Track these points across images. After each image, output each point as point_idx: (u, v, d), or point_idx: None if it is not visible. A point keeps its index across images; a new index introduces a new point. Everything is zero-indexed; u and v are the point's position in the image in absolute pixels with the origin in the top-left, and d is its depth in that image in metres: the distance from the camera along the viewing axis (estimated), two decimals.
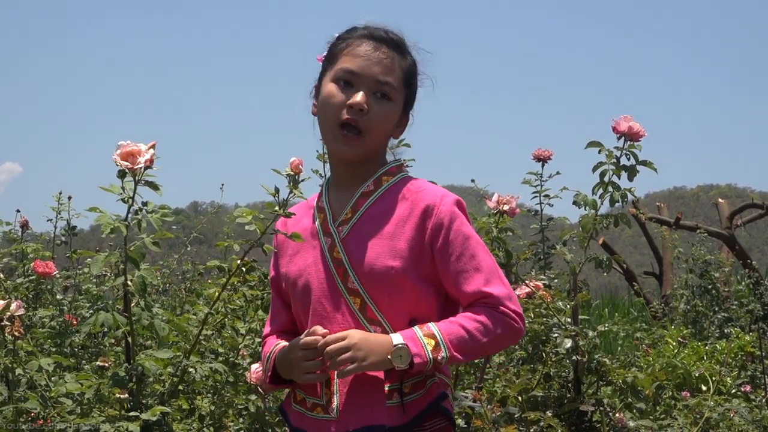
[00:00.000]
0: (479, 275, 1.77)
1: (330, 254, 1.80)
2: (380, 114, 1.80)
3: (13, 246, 4.01)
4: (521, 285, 3.08)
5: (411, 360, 1.69)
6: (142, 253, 2.09)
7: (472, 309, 1.77)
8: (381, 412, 1.74)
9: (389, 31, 1.86)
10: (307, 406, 1.80)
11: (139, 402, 2.24)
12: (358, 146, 1.80)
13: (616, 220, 2.97)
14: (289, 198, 2.03)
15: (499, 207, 2.92)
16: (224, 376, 2.73)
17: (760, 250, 24.66)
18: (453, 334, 1.73)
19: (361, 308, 1.77)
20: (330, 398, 1.76)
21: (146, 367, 2.21)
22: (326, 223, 1.84)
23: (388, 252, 1.77)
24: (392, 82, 1.81)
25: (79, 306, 3.96)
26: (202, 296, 3.73)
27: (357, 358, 1.67)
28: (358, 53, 1.81)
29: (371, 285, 1.76)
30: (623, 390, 3.06)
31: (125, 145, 1.97)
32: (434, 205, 1.78)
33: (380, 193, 1.84)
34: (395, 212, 1.80)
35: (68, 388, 2.35)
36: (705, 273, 6.91)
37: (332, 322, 1.77)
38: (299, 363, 1.74)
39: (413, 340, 1.71)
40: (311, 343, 1.72)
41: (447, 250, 1.78)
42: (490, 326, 1.74)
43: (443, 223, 1.78)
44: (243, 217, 2.08)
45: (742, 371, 4.65)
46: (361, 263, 1.77)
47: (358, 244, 1.79)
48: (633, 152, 2.85)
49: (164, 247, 11.03)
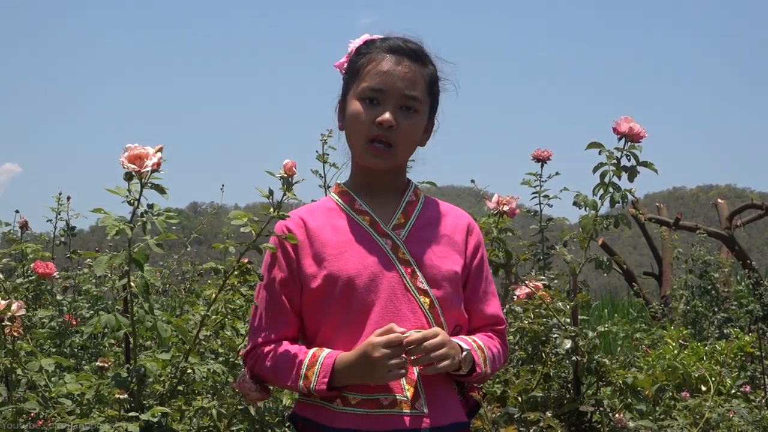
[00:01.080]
0: (496, 300, 1.95)
1: (394, 254, 1.82)
2: (408, 127, 1.84)
3: (13, 246, 4.01)
4: (521, 285, 3.08)
5: (473, 367, 1.80)
6: (146, 255, 2.10)
7: (486, 334, 1.90)
8: (460, 408, 1.85)
9: (408, 40, 1.88)
10: (382, 405, 1.76)
11: (139, 402, 2.24)
12: (389, 158, 1.85)
13: (616, 220, 2.97)
14: (282, 200, 2.02)
15: (498, 207, 2.92)
16: (224, 377, 2.73)
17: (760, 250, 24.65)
18: (490, 352, 1.86)
19: (430, 308, 1.81)
20: (414, 394, 1.77)
21: (148, 368, 2.21)
22: (377, 225, 1.85)
23: (450, 257, 1.86)
24: (417, 95, 1.84)
25: (79, 306, 3.95)
26: (202, 297, 3.73)
27: (450, 355, 1.73)
28: (381, 69, 1.83)
29: (438, 286, 1.82)
30: (623, 390, 3.06)
31: (133, 147, 1.97)
32: (473, 226, 1.94)
33: (422, 203, 1.92)
34: (444, 223, 1.90)
35: (68, 389, 2.35)
36: (704, 273, 6.91)
37: (404, 321, 1.78)
38: (383, 361, 1.69)
39: (473, 350, 1.81)
40: (396, 340, 1.70)
41: (481, 269, 1.92)
42: (501, 355, 1.91)
43: (480, 243, 1.93)
44: (238, 219, 2.08)
45: (742, 372, 4.65)
46: (429, 265, 1.83)
47: (421, 247, 1.84)
48: (633, 153, 2.84)
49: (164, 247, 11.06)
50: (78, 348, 3.67)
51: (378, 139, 1.82)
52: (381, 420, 1.75)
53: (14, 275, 3.96)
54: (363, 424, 1.75)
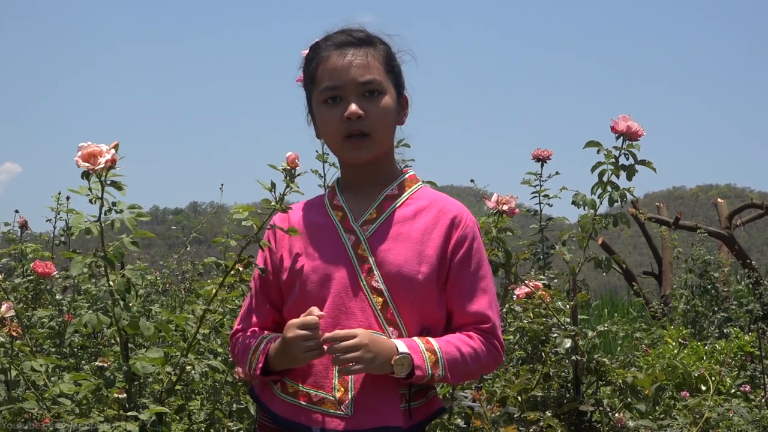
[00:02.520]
0: (485, 297, 1.83)
1: (354, 251, 1.80)
2: (378, 111, 1.81)
3: (11, 246, 4.01)
4: (521, 285, 3.08)
5: (411, 370, 1.71)
6: (121, 253, 2.11)
7: (466, 332, 1.81)
8: (396, 413, 1.75)
9: (350, 30, 1.87)
10: (311, 400, 1.77)
11: (135, 402, 2.24)
12: (369, 147, 1.82)
13: (615, 219, 2.97)
14: (285, 192, 2.03)
15: (498, 207, 2.91)
16: (223, 375, 2.73)
17: (760, 250, 24.64)
18: (450, 355, 1.76)
19: (382, 308, 1.78)
20: (343, 395, 1.75)
21: (135, 368, 2.21)
22: (347, 221, 1.84)
23: (416, 256, 1.79)
24: (374, 77, 1.81)
25: (79, 306, 3.95)
26: (201, 296, 3.73)
27: (365, 359, 1.68)
28: (331, 66, 1.82)
29: (396, 287, 1.78)
30: (623, 390, 3.06)
31: (86, 146, 1.99)
32: (461, 218, 1.84)
33: (405, 198, 1.87)
34: (422, 218, 1.83)
35: (66, 389, 2.35)
36: (704, 273, 6.90)
37: (350, 318, 1.77)
38: (297, 342, 1.71)
39: (416, 352, 1.73)
40: (309, 322, 1.70)
41: (465, 263, 1.82)
42: (481, 355, 1.80)
43: (467, 236, 1.83)
44: (240, 213, 2.08)
45: (742, 371, 4.65)
46: (389, 264, 1.78)
47: (386, 244, 1.80)
48: (632, 152, 2.84)
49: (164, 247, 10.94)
50: (77, 348, 3.67)
51: (352, 134, 1.81)
52: (307, 415, 1.76)
53: (14, 275, 3.96)
54: (292, 415, 1.78)
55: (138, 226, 2.09)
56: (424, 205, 1.86)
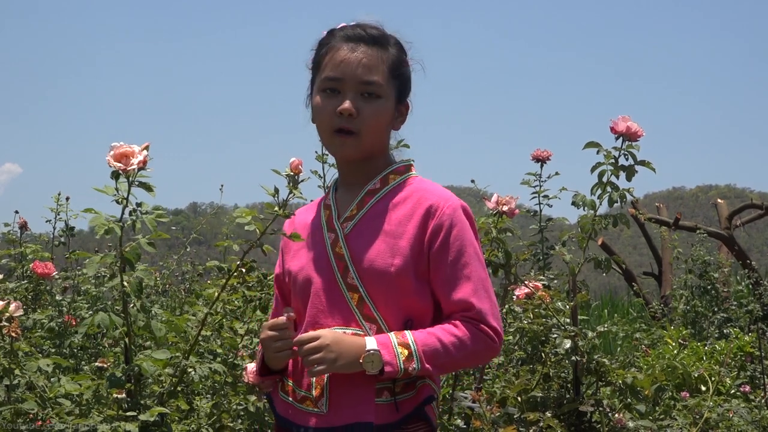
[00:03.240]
0: (468, 284, 1.77)
1: (332, 249, 1.81)
2: (371, 113, 1.80)
3: (8, 249, 4.01)
4: (520, 285, 3.08)
5: (382, 367, 1.70)
6: (138, 254, 2.10)
7: (451, 321, 1.77)
8: (369, 409, 1.74)
9: (366, 26, 1.84)
10: (297, 398, 1.80)
11: (137, 402, 2.24)
12: (355, 144, 1.81)
13: (614, 220, 2.97)
14: (288, 198, 2.03)
15: (498, 207, 2.91)
16: (223, 376, 2.73)
17: (759, 250, 24.64)
18: (428, 346, 1.73)
19: (358, 304, 1.77)
20: (319, 392, 1.77)
21: (143, 368, 2.20)
22: (331, 220, 1.85)
23: (389, 250, 1.77)
24: (377, 79, 1.80)
25: (78, 307, 3.95)
26: (202, 297, 3.73)
27: (327, 359, 1.69)
28: (338, 58, 1.80)
29: (370, 282, 1.77)
30: (622, 390, 3.06)
31: (118, 146, 1.98)
32: (437, 207, 1.79)
33: (386, 191, 1.85)
34: (398, 210, 1.81)
35: (66, 389, 2.35)
36: (704, 273, 6.91)
37: (328, 317, 1.78)
38: (268, 343, 1.77)
39: (386, 347, 1.71)
40: (278, 323, 1.76)
41: (444, 252, 1.77)
42: (467, 342, 1.74)
43: (443, 225, 1.78)
44: (242, 218, 2.08)
45: (742, 372, 4.65)
46: (362, 259, 1.78)
47: (361, 240, 1.80)
48: (631, 152, 2.84)
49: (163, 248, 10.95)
50: (77, 348, 3.67)
51: (342, 129, 1.80)
52: (295, 413, 1.81)
53: (14, 275, 3.96)
54: (287, 413, 1.82)
55: (157, 226, 2.09)
56: (404, 197, 1.83)
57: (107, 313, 2.17)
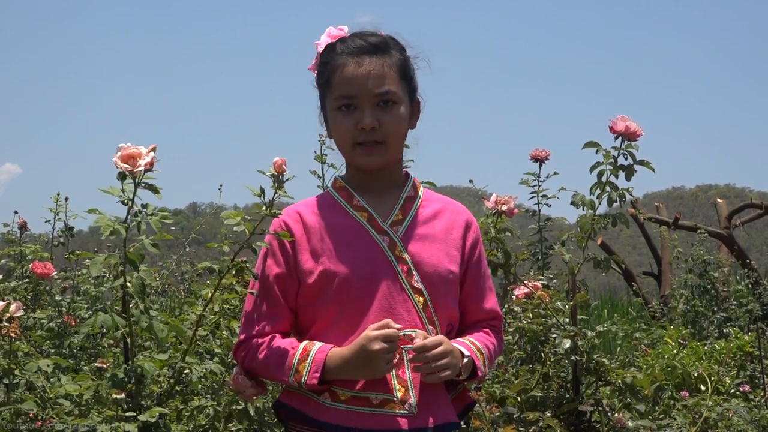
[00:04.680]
0: (493, 295, 1.96)
1: (391, 252, 1.81)
2: (392, 122, 1.82)
3: (8, 248, 4.00)
4: (520, 285, 3.08)
5: (473, 371, 1.82)
6: (142, 255, 2.09)
7: (482, 329, 1.92)
8: (452, 410, 1.85)
9: (366, 35, 1.86)
10: (372, 404, 1.76)
11: (137, 403, 2.24)
12: (381, 154, 1.84)
13: (614, 220, 2.97)
14: (274, 198, 2.02)
15: (497, 207, 2.92)
16: (221, 376, 2.73)
17: (759, 250, 24.63)
18: (487, 353, 1.87)
19: (423, 307, 1.81)
20: (405, 394, 1.77)
21: (146, 369, 2.20)
22: (375, 222, 1.84)
23: (446, 256, 1.86)
24: (390, 88, 1.81)
25: (78, 307, 3.95)
26: (201, 297, 3.73)
27: (452, 365, 1.74)
28: (347, 75, 1.81)
29: (434, 286, 1.82)
30: (622, 390, 3.06)
31: (126, 147, 1.97)
32: (472, 221, 1.94)
33: (420, 199, 1.92)
34: (441, 220, 1.90)
35: (66, 390, 2.35)
36: (704, 273, 6.91)
37: (398, 320, 1.77)
38: (381, 355, 1.70)
39: (474, 354, 1.82)
40: (393, 335, 1.71)
41: (479, 265, 1.92)
42: (497, 349, 1.94)
43: (478, 239, 1.95)
44: (231, 219, 2.07)
45: (741, 371, 4.65)
46: (425, 263, 1.82)
47: (418, 245, 1.84)
48: (630, 152, 2.84)
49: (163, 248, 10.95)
50: (77, 349, 3.67)
51: (364, 143, 1.82)
52: (371, 418, 1.75)
53: (13, 276, 3.95)
54: (352, 421, 1.75)
55: (162, 228, 2.08)
56: (439, 207, 1.92)
57: (109, 313, 2.16)
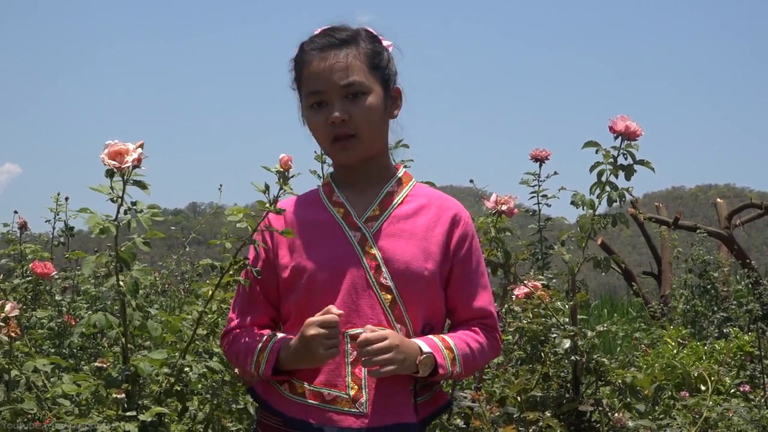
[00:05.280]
0: (486, 293, 1.89)
1: (361, 248, 1.80)
2: (362, 113, 1.81)
3: (10, 247, 4.00)
4: (520, 285, 3.08)
5: (435, 369, 1.75)
6: (133, 253, 2.10)
7: (470, 328, 1.86)
8: (409, 410, 1.77)
9: (334, 30, 1.86)
10: (324, 399, 1.76)
11: (136, 402, 2.24)
12: (357, 148, 1.82)
13: (614, 219, 2.97)
14: (279, 194, 2.03)
15: (497, 207, 2.92)
16: (221, 375, 2.73)
17: (759, 250, 24.61)
18: (462, 351, 1.80)
19: (391, 305, 1.79)
20: (358, 392, 1.75)
21: (140, 368, 2.20)
22: (350, 218, 1.84)
23: (422, 253, 1.81)
24: (356, 78, 1.80)
25: (78, 307, 3.95)
26: (201, 297, 3.73)
27: (397, 360, 1.70)
28: (313, 71, 1.82)
29: (403, 284, 1.79)
30: (622, 390, 3.06)
31: (113, 144, 1.97)
32: (461, 216, 1.88)
33: (404, 194, 1.88)
34: (424, 215, 1.85)
35: (65, 389, 2.35)
36: (704, 273, 6.91)
37: (361, 316, 1.77)
38: (317, 340, 1.70)
39: (437, 351, 1.76)
40: (330, 321, 1.70)
41: (468, 261, 1.86)
42: (486, 349, 1.86)
43: (468, 234, 1.88)
44: (234, 215, 2.08)
45: (741, 371, 4.65)
46: (397, 261, 1.79)
47: (391, 241, 1.81)
48: (630, 152, 2.85)
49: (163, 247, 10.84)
50: (77, 348, 3.67)
51: (339, 137, 1.82)
52: (322, 414, 1.76)
53: (13, 275, 3.95)
54: (304, 415, 1.77)
55: (153, 225, 2.08)
56: (424, 202, 1.87)
57: (103, 313, 2.17)
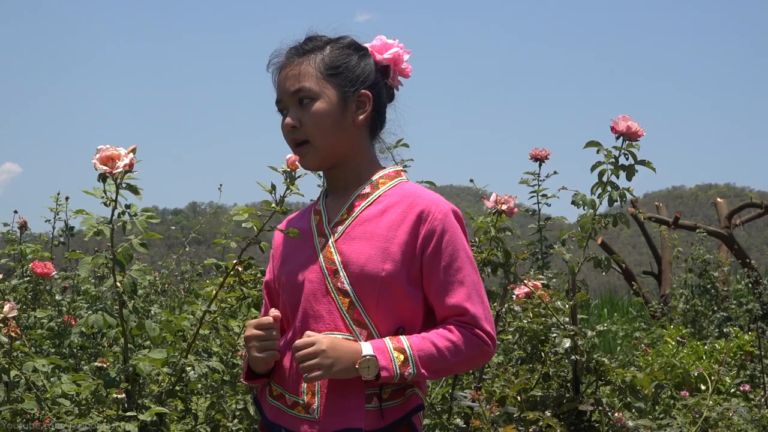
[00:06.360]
0: (462, 289, 1.78)
1: (322, 254, 1.81)
2: (311, 118, 1.82)
3: (9, 247, 4.01)
4: (520, 285, 3.08)
5: (378, 372, 1.70)
6: (130, 255, 2.11)
7: (445, 326, 1.78)
8: (359, 415, 1.74)
9: (306, 40, 1.88)
10: (287, 404, 1.79)
11: (137, 402, 2.24)
12: (311, 152, 1.84)
13: (614, 219, 2.97)
14: (285, 195, 2.03)
15: (497, 206, 2.91)
16: (221, 375, 2.73)
17: (759, 249, 24.64)
18: (423, 351, 1.73)
19: (349, 309, 1.77)
20: (311, 398, 1.76)
21: (139, 368, 2.21)
22: (321, 224, 1.85)
23: (380, 255, 1.77)
24: (303, 85, 1.82)
25: (78, 307, 3.95)
26: (201, 296, 3.73)
27: (323, 365, 1.68)
28: (278, 80, 1.88)
29: (361, 287, 1.76)
30: (622, 389, 3.05)
31: (104, 149, 1.99)
32: (429, 212, 1.79)
33: (376, 196, 1.85)
34: (389, 215, 1.81)
35: (65, 389, 2.35)
36: (704, 272, 6.91)
37: (319, 321, 1.77)
38: (251, 341, 1.76)
39: (383, 353, 1.71)
40: (264, 322, 1.75)
41: (436, 258, 1.78)
42: (461, 347, 1.75)
43: (435, 230, 1.78)
44: (240, 215, 2.08)
45: (741, 371, 4.66)
46: (353, 263, 1.77)
47: (351, 244, 1.80)
48: (631, 152, 2.85)
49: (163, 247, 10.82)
50: (77, 348, 3.67)
51: (296, 143, 1.85)
52: (286, 418, 1.79)
53: (13, 275, 3.96)
54: (277, 418, 1.81)
55: (148, 227, 2.09)
56: (394, 201, 1.83)
57: (102, 313, 2.17)
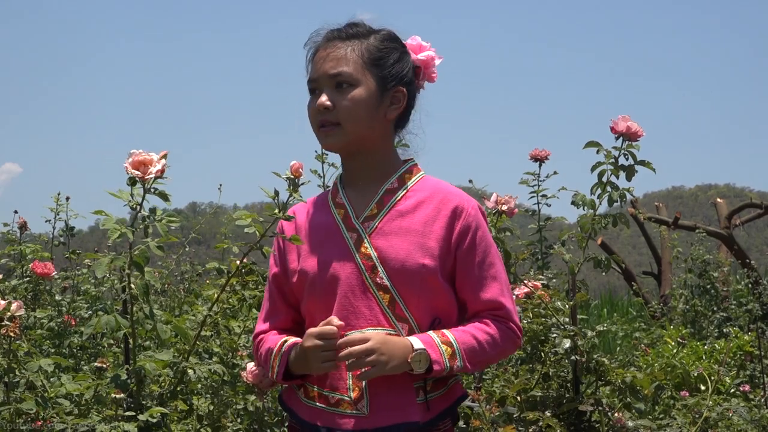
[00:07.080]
0: (496, 284, 1.83)
1: (357, 249, 1.80)
2: (346, 103, 1.81)
3: (9, 247, 4.01)
4: (520, 285, 3.08)
5: (429, 365, 1.73)
6: (147, 258, 2.11)
7: (481, 320, 1.82)
8: (413, 409, 1.76)
9: (349, 24, 1.88)
10: (329, 402, 1.78)
11: (138, 403, 2.24)
12: (338, 135, 1.82)
13: (614, 219, 2.97)
14: (288, 201, 2.03)
15: (497, 207, 2.92)
16: (222, 376, 2.73)
17: (759, 249, 24.62)
18: (466, 344, 1.77)
19: (390, 305, 1.78)
20: (359, 395, 1.76)
21: (147, 369, 2.21)
22: (349, 219, 1.84)
23: (419, 249, 1.79)
24: (346, 70, 1.81)
25: (78, 307, 3.95)
26: (201, 297, 3.73)
27: (380, 362, 1.69)
28: (315, 59, 1.86)
29: (401, 282, 1.78)
30: (622, 390, 3.05)
31: (137, 153, 1.99)
32: (463, 208, 1.83)
33: (405, 190, 1.86)
34: (422, 210, 1.83)
35: (66, 389, 2.35)
36: (704, 273, 6.91)
37: (359, 318, 1.77)
38: (315, 352, 1.72)
39: (432, 346, 1.74)
40: (328, 333, 1.71)
41: (471, 253, 1.82)
42: (498, 340, 1.81)
43: (471, 226, 1.83)
44: (242, 220, 2.08)
45: (741, 371, 4.65)
46: (392, 259, 1.78)
47: (387, 240, 1.80)
48: (631, 152, 2.85)
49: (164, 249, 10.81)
50: (77, 348, 3.67)
51: (323, 124, 1.83)
52: (328, 417, 1.78)
53: (13, 275, 3.96)
54: (316, 419, 1.79)
55: (168, 232, 2.09)
56: (425, 196, 1.85)
57: (113, 314, 2.17)
